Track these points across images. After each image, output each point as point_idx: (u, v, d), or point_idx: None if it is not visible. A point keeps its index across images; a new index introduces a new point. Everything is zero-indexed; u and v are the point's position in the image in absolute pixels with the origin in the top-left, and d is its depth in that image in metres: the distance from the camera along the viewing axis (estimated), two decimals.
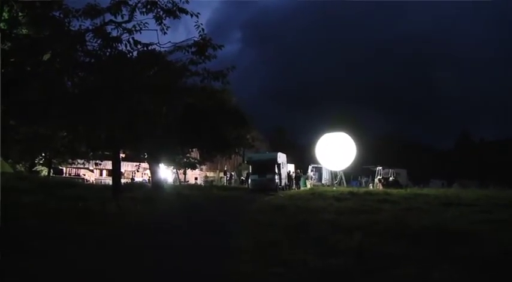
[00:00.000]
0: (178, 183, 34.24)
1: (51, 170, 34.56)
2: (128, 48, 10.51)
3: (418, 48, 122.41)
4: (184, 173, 40.14)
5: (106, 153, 23.48)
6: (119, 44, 10.45)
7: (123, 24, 10.55)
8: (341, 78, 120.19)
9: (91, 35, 10.54)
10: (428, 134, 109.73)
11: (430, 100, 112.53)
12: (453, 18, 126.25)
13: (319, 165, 39.88)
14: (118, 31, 10.57)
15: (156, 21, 10.61)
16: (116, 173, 17.07)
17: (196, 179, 48.01)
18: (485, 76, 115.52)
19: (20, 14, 10.80)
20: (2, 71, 9.53)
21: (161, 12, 10.56)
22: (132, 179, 40.08)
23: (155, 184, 22.86)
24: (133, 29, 10.50)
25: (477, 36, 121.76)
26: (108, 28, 10.63)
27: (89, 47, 10.82)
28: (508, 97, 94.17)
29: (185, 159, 29.76)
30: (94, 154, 25.43)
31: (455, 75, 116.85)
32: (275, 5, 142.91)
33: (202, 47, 11.56)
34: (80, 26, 10.66)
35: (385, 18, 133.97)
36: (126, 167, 40.13)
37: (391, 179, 36.28)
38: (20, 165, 34.22)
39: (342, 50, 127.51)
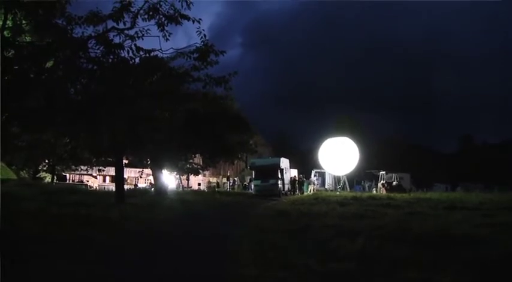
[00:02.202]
0: (181, 188, 34.23)
1: (55, 177, 34.65)
2: (130, 54, 10.60)
3: (419, 50, 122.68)
4: (187, 179, 40.16)
5: (109, 159, 23.53)
6: (121, 51, 10.51)
7: (126, 31, 10.65)
8: (343, 82, 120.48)
9: (93, 42, 10.63)
10: (431, 137, 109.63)
11: (432, 102, 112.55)
12: (454, 19, 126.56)
13: (322, 170, 39.77)
14: (120, 38, 10.67)
15: (158, 28, 10.69)
16: (118, 179, 17.09)
17: (199, 184, 48.06)
18: (487, 77, 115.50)
19: (23, 21, 10.91)
20: (5, 78, 9.60)
21: (163, 19, 10.63)
22: (135, 185, 40.14)
23: (158, 190, 22.87)
24: (135, 35, 10.58)
25: (479, 37, 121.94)
26: (111, 35, 10.74)
27: (91, 54, 10.90)
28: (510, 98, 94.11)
29: (188, 165, 29.76)
30: (97, 160, 25.49)
31: (457, 76, 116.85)
32: (276, 8, 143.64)
33: (204, 53, 11.61)
34: (83, 33, 10.81)
35: (386, 19, 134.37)
36: (129, 173, 40.22)
37: (394, 183, 36.05)
38: (24, 171, 34.37)
39: (343, 53, 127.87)
